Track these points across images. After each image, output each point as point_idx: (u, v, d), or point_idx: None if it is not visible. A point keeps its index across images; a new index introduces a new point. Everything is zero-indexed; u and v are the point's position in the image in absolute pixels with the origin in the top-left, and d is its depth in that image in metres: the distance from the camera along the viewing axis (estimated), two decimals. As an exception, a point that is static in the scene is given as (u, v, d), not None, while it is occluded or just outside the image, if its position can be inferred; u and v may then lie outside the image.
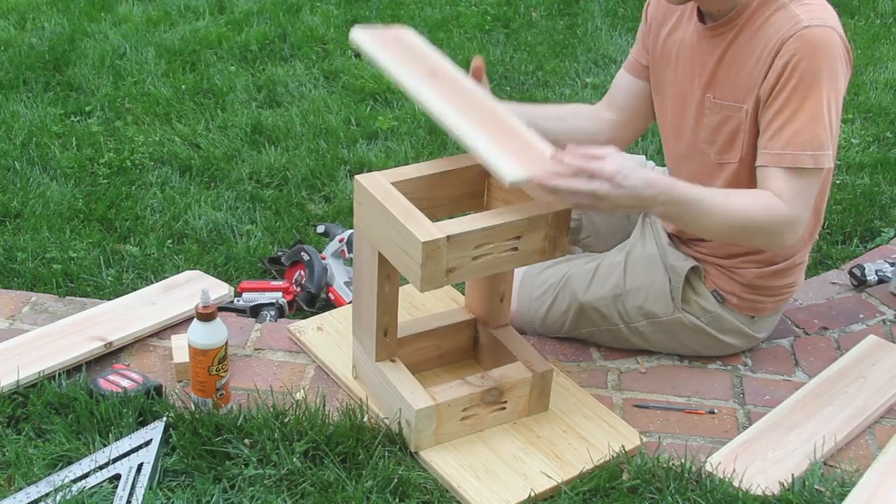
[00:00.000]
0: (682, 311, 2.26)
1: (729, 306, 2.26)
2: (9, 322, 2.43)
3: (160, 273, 2.82)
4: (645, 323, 2.29)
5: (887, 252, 2.82)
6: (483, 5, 4.77)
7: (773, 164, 1.94)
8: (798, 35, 1.91)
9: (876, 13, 4.79)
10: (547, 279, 2.36)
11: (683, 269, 2.24)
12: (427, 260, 1.79)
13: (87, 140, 3.51)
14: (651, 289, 2.27)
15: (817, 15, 1.93)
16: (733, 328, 2.28)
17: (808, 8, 1.94)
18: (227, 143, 3.53)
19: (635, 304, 2.28)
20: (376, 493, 1.91)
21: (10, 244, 2.90)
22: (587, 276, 2.32)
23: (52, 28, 4.36)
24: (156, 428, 2.03)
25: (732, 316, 2.27)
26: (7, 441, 2.02)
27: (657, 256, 2.29)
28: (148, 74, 4.01)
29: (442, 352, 2.27)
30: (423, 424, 2.00)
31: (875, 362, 2.31)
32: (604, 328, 2.34)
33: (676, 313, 2.26)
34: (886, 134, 3.68)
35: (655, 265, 2.28)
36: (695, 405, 2.22)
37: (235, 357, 2.33)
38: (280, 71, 4.08)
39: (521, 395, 2.09)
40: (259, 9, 4.63)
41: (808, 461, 2.02)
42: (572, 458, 2.03)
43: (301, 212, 3.18)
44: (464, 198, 2.07)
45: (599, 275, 2.31)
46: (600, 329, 2.35)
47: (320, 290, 2.76)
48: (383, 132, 3.65)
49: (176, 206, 3.15)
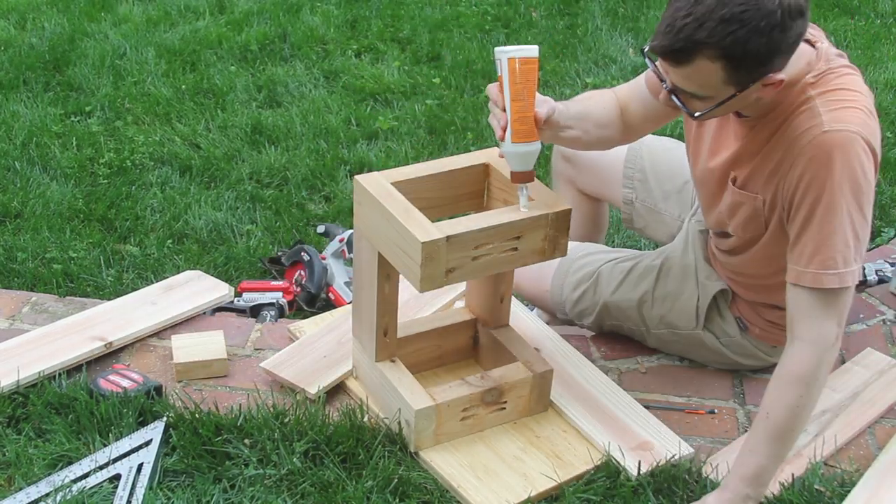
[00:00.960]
0: (703, 328, 2.25)
1: (751, 335, 2.23)
2: (9, 322, 2.43)
3: (160, 273, 2.82)
4: (666, 331, 2.30)
5: (887, 252, 2.82)
6: (483, 5, 4.76)
7: (798, 283, 1.83)
8: (816, 143, 1.78)
9: (876, 13, 4.79)
10: (582, 267, 2.35)
11: (713, 290, 2.22)
12: (427, 260, 1.79)
13: (88, 140, 3.51)
14: (677, 301, 2.26)
15: (841, 116, 1.79)
16: (750, 353, 2.27)
17: (833, 106, 1.80)
18: (227, 143, 3.53)
19: (659, 313, 2.28)
20: (376, 493, 1.91)
21: (10, 244, 2.90)
22: (620, 275, 2.31)
23: (52, 28, 4.36)
24: (156, 428, 2.03)
25: (752, 343, 2.24)
26: (7, 441, 2.02)
27: (692, 268, 2.26)
28: (148, 74, 4.01)
29: (442, 352, 2.27)
30: (422, 424, 2.00)
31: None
32: (626, 326, 2.36)
33: (697, 330, 2.26)
34: (886, 134, 3.67)
35: (688, 276, 2.25)
36: (695, 405, 2.22)
37: (235, 357, 2.33)
38: (280, 71, 4.08)
39: (521, 395, 2.09)
40: (259, 9, 4.63)
41: (808, 461, 2.02)
42: (572, 458, 2.03)
43: (301, 212, 3.18)
44: (464, 198, 2.06)
45: (631, 277, 2.30)
46: (623, 326, 2.36)
47: (320, 290, 2.77)
48: (383, 132, 3.65)
49: (176, 206, 3.15)
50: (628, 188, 2.46)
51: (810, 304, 1.82)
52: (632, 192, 2.46)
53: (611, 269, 2.33)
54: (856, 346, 2.41)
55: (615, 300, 2.31)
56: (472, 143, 3.57)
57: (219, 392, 2.22)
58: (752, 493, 1.85)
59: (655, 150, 2.44)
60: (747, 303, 2.20)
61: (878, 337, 2.45)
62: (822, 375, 1.82)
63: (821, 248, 1.80)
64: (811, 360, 1.81)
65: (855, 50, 4.41)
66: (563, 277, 2.37)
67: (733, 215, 2.04)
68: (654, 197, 2.44)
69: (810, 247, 1.81)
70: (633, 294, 2.29)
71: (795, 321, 1.84)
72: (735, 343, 2.25)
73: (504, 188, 2.00)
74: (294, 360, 2.25)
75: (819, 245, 1.81)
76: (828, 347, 1.82)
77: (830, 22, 4.66)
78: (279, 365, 2.23)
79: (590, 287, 2.33)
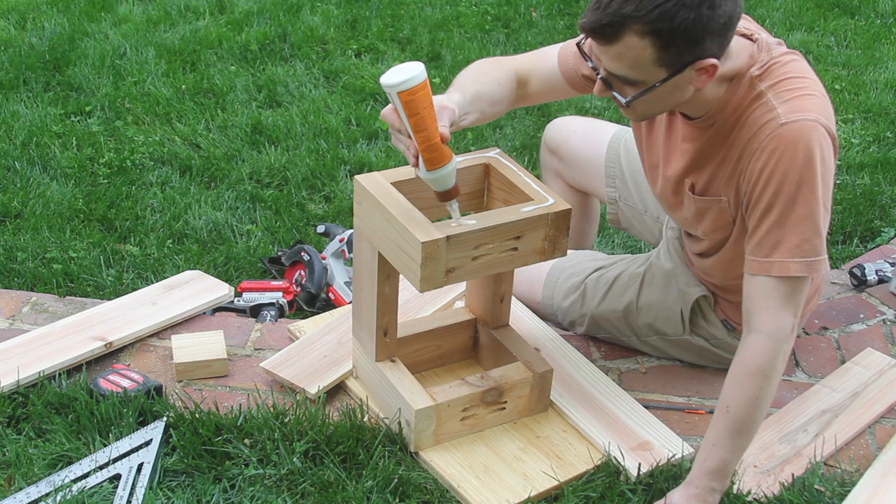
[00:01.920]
0: (691, 333, 2.26)
1: (738, 334, 2.21)
2: (9, 322, 2.43)
3: (160, 273, 2.82)
4: (655, 338, 2.30)
5: (887, 252, 2.82)
6: (483, 5, 4.76)
7: (761, 273, 1.81)
8: (774, 135, 1.77)
9: (876, 13, 4.79)
10: (570, 277, 2.36)
11: (693, 296, 2.21)
12: (427, 260, 1.79)
13: (88, 140, 3.51)
14: (662, 309, 2.26)
15: (797, 106, 1.78)
16: None
17: (787, 96, 1.79)
18: (227, 143, 3.53)
19: (646, 321, 2.28)
20: (376, 493, 1.91)
21: (10, 244, 2.90)
22: (604, 286, 2.31)
23: (52, 28, 4.36)
24: (156, 428, 2.02)
25: None
26: (7, 441, 2.02)
27: (672, 275, 2.26)
28: (148, 74, 4.01)
29: (442, 352, 2.27)
30: (422, 424, 2.00)
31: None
32: (616, 336, 2.36)
33: (685, 335, 2.26)
34: (886, 134, 3.68)
35: (671, 283, 2.25)
36: (695, 405, 2.22)
37: (235, 357, 2.33)
38: (280, 71, 4.08)
39: (521, 395, 2.09)
40: (259, 9, 4.63)
41: (808, 461, 2.02)
42: (572, 458, 2.03)
43: (301, 212, 3.18)
44: (464, 198, 2.06)
45: (616, 288, 2.30)
46: (613, 335, 2.37)
47: (320, 290, 2.77)
48: (383, 132, 3.65)
49: (176, 206, 3.15)
50: (611, 187, 2.45)
51: (769, 294, 1.81)
52: (615, 192, 2.45)
53: (596, 280, 2.33)
54: (856, 346, 2.41)
55: (601, 312, 2.31)
56: (472, 143, 3.57)
57: (219, 392, 2.22)
58: (718, 486, 1.85)
59: (632, 147, 2.38)
60: (730, 303, 2.20)
61: (878, 337, 2.45)
62: (779, 366, 1.82)
63: (788, 237, 1.79)
64: (768, 352, 1.81)
65: (855, 50, 4.41)
66: (553, 288, 2.37)
67: (700, 220, 2.03)
68: (634, 197, 2.44)
69: (774, 236, 1.80)
70: (617, 305, 2.29)
71: (752, 313, 1.83)
72: (725, 344, 2.25)
73: (504, 188, 2.00)
74: (294, 360, 2.25)
75: (786, 235, 1.79)
76: (784, 338, 1.81)
77: (830, 22, 4.66)
78: (279, 365, 2.23)
79: (577, 298, 2.34)
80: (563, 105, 3.81)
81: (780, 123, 1.77)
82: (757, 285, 1.83)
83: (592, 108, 3.83)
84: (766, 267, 1.81)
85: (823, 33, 4.55)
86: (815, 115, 1.77)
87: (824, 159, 1.78)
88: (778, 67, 1.83)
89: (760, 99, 1.81)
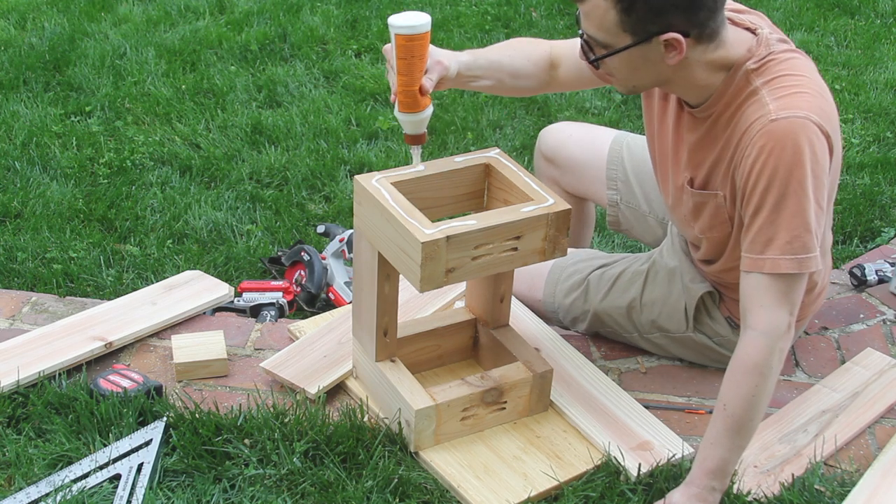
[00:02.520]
0: (694, 330, 2.26)
1: None
2: (9, 322, 2.43)
3: (160, 273, 2.82)
4: (658, 335, 2.30)
5: (887, 252, 2.82)
6: (483, 5, 4.76)
7: (755, 270, 1.82)
8: (764, 131, 1.77)
9: (876, 13, 4.79)
10: (572, 275, 2.36)
11: (698, 292, 2.21)
12: (427, 260, 1.79)
13: (88, 140, 3.52)
14: (665, 305, 2.25)
15: (789, 103, 1.78)
16: None
17: (781, 93, 1.80)
18: (227, 143, 3.53)
19: (649, 318, 2.28)
20: (376, 493, 1.91)
21: (10, 244, 2.90)
22: (608, 283, 2.31)
23: (52, 28, 4.36)
24: (156, 428, 2.03)
25: None
26: (7, 441, 2.02)
27: (677, 271, 2.26)
28: (148, 74, 4.01)
29: (442, 352, 2.27)
30: (422, 424, 2.00)
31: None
32: (619, 333, 2.36)
33: (688, 332, 2.26)
34: (886, 134, 3.68)
35: (675, 280, 2.25)
36: (695, 405, 2.22)
37: (235, 357, 2.33)
38: (280, 71, 4.08)
39: (521, 395, 2.10)
40: (259, 9, 4.63)
41: (808, 461, 2.02)
42: (572, 458, 2.03)
43: (301, 212, 3.18)
44: (464, 198, 2.07)
45: (619, 284, 2.30)
46: (616, 332, 2.36)
47: (320, 290, 2.77)
48: (383, 132, 3.65)
49: (176, 206, 3.15)
50: (612, 190, 2.45)
51: (763, 292, 1.82)
52: (616, 194, 2.46)
53: (599, 276, 2.33)
54: (856, 346, 2.41)
55: (604, 308, 2.31)
56: (472, 143, 3.57)
57: (219, 392, 2.22)
58: (718, 486, 1.85)
59: (635, 149, 2.42)
60: (735, 301, 2.19)
61: (878, 337, 2.45)
62: (775, 364, 1.82)
63: (779, 234, 1.79)
64: (764, 349, 1.81)
65: (855, 50, 4.41)
66: (555, 285, 2.37)
67: (698, 217, 2.04)
68: (637, 199, 2.44)
69: (766, 233, 1.80)
70: (621, 301, 2.29)
71: (747, 310, 1.84)
72: (728, 342, 2.24)
73: (504, 188, 2.00)
74: (294, 360, 2.25)
75: (777, 232, 1.79)
76: (780, 336, 1.81)
77: (830, 22, 4.66)
78: (279, 365, 2.23)
79: (580, 296, 2.34)
80: (563, 105, 3.82)
81: (770, 119, 1.78)
82: (751, 283, 1.83)
83: (592, 108, 3.83)
84: (758, 264, 1.82)
85: (823, 33, 4.55)
86: (806, 112, 1.77)
87: (815, 156, 1.77)
88: (775, 64, 1.83)
89: (755, 95, 1.82)
